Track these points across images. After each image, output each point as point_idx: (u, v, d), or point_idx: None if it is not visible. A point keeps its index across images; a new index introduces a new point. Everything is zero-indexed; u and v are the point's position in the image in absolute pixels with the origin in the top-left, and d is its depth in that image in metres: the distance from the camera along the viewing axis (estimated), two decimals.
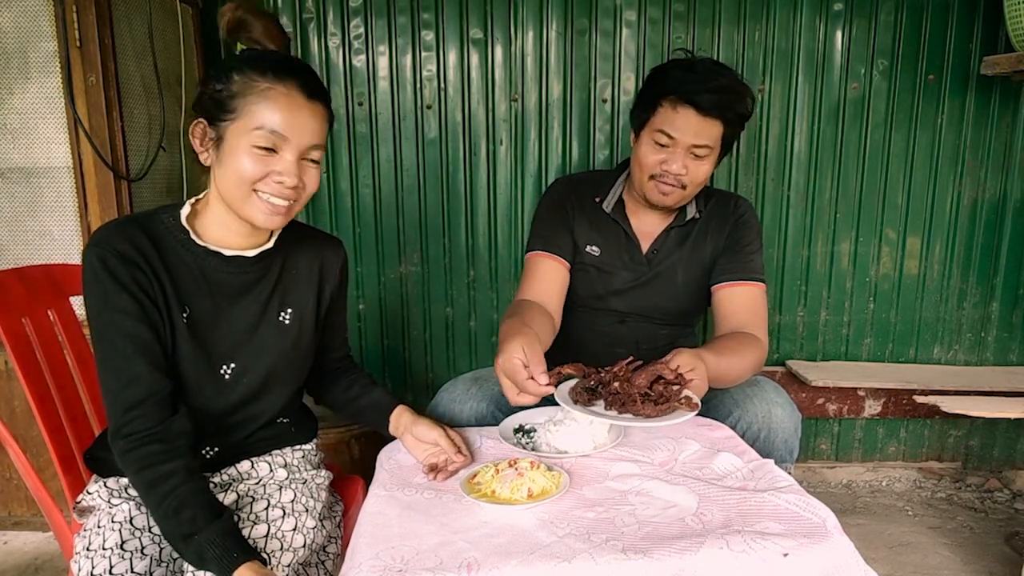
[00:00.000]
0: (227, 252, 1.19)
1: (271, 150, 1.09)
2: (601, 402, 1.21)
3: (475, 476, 1.16)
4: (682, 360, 1.28)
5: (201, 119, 1.12)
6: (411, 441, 1.30)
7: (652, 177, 1.57)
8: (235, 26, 1.17)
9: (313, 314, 1.29)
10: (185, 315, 1.15)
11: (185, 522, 1.01)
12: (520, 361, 1.22)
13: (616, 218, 1.69)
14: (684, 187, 1.56)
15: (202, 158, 1.14)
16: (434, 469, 1.21)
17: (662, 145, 1.53)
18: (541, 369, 1.22)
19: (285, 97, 1.08)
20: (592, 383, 1.22)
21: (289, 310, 1.26)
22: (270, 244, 1.23)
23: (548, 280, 1.67)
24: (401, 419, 1.34)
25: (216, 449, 1.22)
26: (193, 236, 1.16)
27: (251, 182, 1.09)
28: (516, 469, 1.14)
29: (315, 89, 1.12)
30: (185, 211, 1.18)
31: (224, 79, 1.09)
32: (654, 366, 1.24)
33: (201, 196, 1.21)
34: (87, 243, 1.10)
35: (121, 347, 1.07)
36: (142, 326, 1.09)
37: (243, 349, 1.21)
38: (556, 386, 1.22)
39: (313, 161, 1.14)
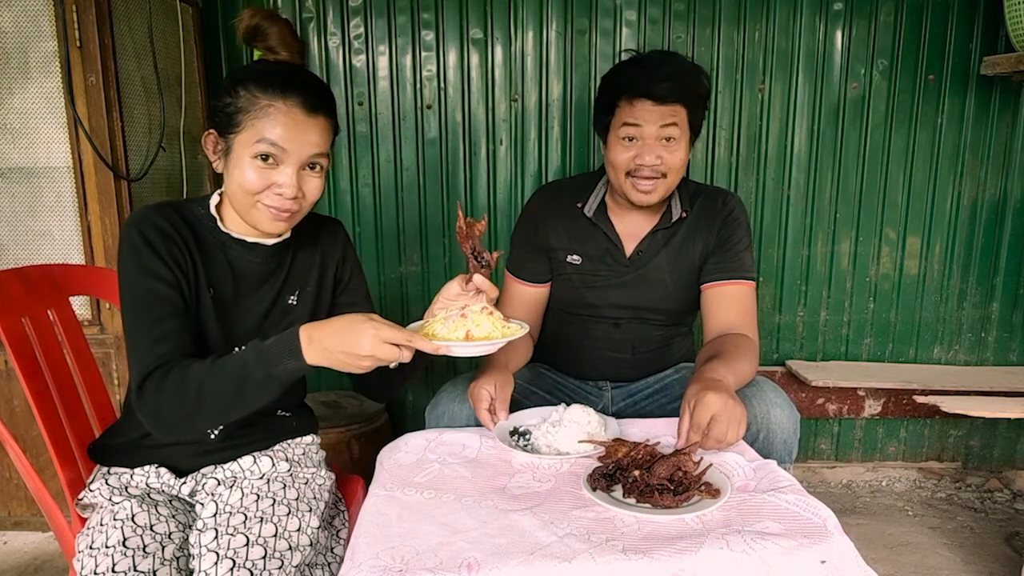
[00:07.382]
0: (249, 239, 1.25)
1: (272, 163, 1.15)
2: (620, 487, 1.18)
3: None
4: (720, 427, 1.22)
5: (212, 130, 1.20)
6: (442, 303, 1.29)
7: (629, 174, 1.57)
8: (251, 33, 1.21)
9: (315, 294, 1.34)
10: (211, 294, 1.22)
11: (236, 362, 1.07)
12: (488, 393, 1.39)
13: (598, 222, 1.68)
14: (664, 175, 1.56)
15: (216, 166, 1.21)
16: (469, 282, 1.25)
17: (631, 139, 1.55)
18: (503, 408, 1.40)
19: (284, 114, 1.13)
20: (610, 469, 1.19)
21: (296, 291, 1.32)
22: (288, 234, 1.29)
23: (517, 303, 1.75)
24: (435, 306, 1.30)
25: (220, 428, 1.25)
26: (219, 224, 1.24)
27: (253, 193, 1.16)
28: (462, 313, 1.17)
29: (317, 104, 1.16)
30: (214, 200, 1.25)
31: (232, 93, 1.15)
32: (676, 458, 1.17)
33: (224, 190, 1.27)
34: (125, 223, 1.17)
35: (156, 309, 1.13)
36: (175, 293, 1.16)
37: (255, 333, 1.25)
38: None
39: (313, 170, 1.19)
